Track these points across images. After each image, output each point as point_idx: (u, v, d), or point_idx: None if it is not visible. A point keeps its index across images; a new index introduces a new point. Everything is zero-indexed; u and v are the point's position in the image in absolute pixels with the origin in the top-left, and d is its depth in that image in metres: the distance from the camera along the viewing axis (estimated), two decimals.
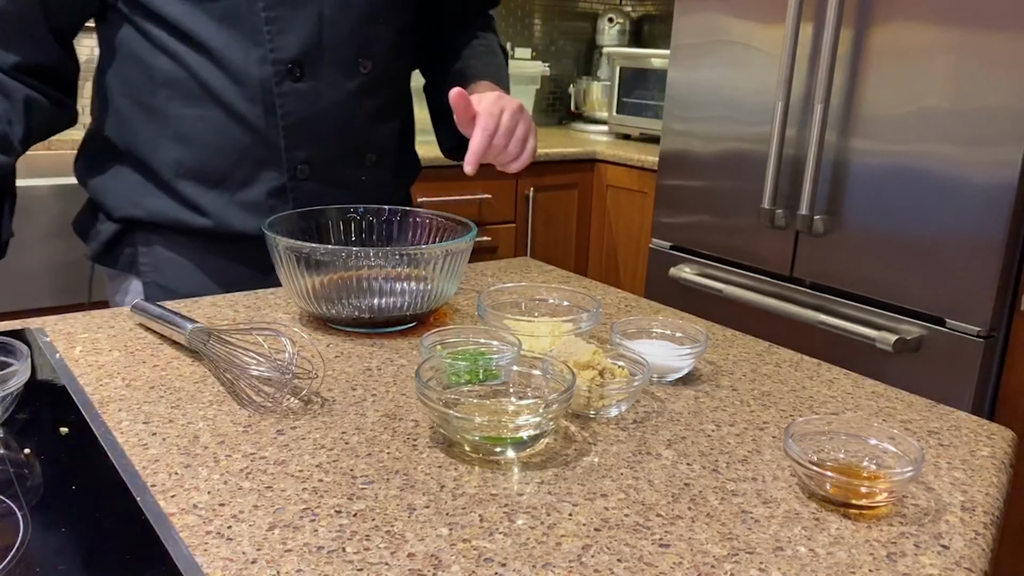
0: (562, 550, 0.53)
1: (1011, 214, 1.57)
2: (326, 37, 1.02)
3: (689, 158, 2.16)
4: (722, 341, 0.94)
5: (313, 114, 1.03)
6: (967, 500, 0.62)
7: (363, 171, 1.11)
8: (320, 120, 1.04)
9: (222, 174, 1.04)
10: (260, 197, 1.05)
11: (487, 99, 1.01)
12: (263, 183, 1.05)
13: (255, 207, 1.05)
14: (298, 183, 1.06)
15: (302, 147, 1.04)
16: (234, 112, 1.02)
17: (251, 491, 0.58)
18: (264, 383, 0.72)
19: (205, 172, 1.04)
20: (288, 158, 1.04)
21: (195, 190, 1.04)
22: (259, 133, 1.02)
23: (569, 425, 0.70)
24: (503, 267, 1.19)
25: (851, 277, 1.84)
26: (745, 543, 0.55)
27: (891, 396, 0.81)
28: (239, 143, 1.03)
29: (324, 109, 1.04)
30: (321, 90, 1.03)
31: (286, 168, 1.04)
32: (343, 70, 1.04)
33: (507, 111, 1.00)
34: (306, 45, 1.01)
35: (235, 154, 1.03)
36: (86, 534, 0.52)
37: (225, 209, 1.05)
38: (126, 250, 1.10)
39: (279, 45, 0.99)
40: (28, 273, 1.97)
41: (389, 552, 0.52)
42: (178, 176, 1.04)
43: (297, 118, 1.03)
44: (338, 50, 1.03)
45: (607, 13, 3.39)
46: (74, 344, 0.83)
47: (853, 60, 1.78)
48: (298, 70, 1.01)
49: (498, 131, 0.99)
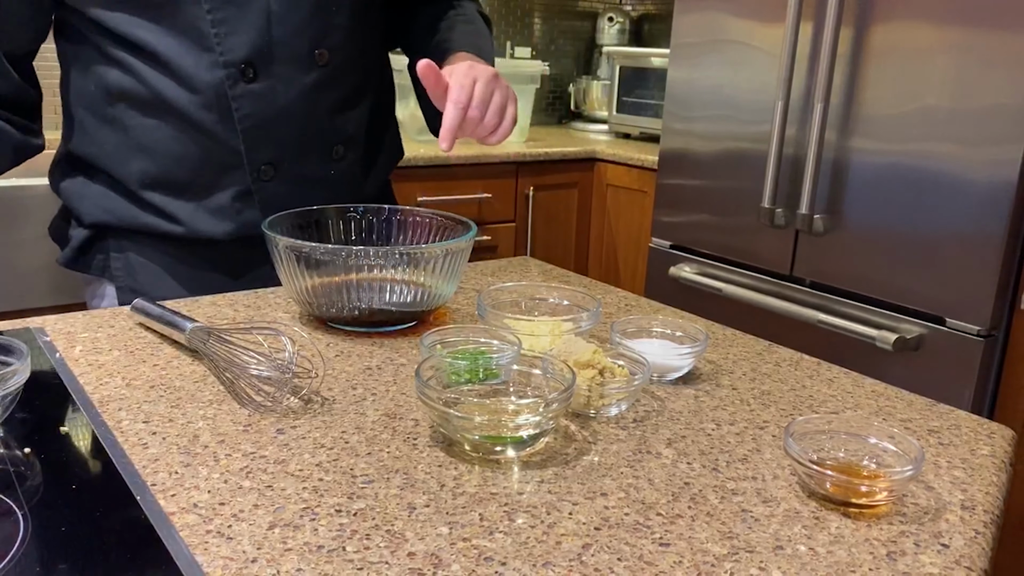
0: (562, 549, 0.53)
1: (1011, 213, 1.57)
2: (276, 33, 0.99)
3: (689, 157, 2.16)
4: (722, 340, 0.94)
5: (272, 114, 1.01)
6: (967, 499, 0.62)
7: (331, 165, 1.08)
8: (279, 119, 1.02)
9: (186, 182, 1.02)
10: (226, 201, 1.03)
11: (459, 70, 0.95)
12: (227, 188, 1.03)
13: (222, 212, 1.03)
14: (263, 184, 1.03)
15: (263, 149, 1.02)
16: (190, 120, 1.00)
17: (251, 490, 0.58)
18: (264, 382, 0.72)
19: (169, 181, 1.02)
20: (250, 161, 1.02)
21: (162, 199, 1.03)
22: (217, 139, 1.00)
23: (569, 424, 0.70)
24: (503, 266, 1.19)
25: (851, 276, 1.84)
26: (745, 542, 0.55)
27: (891, 395, 0.81)
28: (199, 150, 1.01)
29: (282, 107, 1.01)
30: (277, 88, 1.00)
31: (249, 171, 1.02)
32: (298, 65, 1.01)
33: (480, 80, 0.95)
34: (256, 44, 0.98)
35: (196, 162, 1.02)
36: (86, 533, 0.52)
37: (193, 215, 1.03)
38: (98, 255, 1.09)
39: (228, 47, 0.97)
40: (28, 273, 1.97)
41: (389, 551, 0.52)
42: (144, 186, 1.03)
43: (255, 120, 1.00)
44: (290, 45, 1.00)
45: (607, 12, 3.39)
46: (74, 343, 0.83)
47: (853, 59, 1.78)
48: (251, 70, 0.98)
49: (472, 102, 0.93)
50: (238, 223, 1.04)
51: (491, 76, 0.97)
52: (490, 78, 0.96)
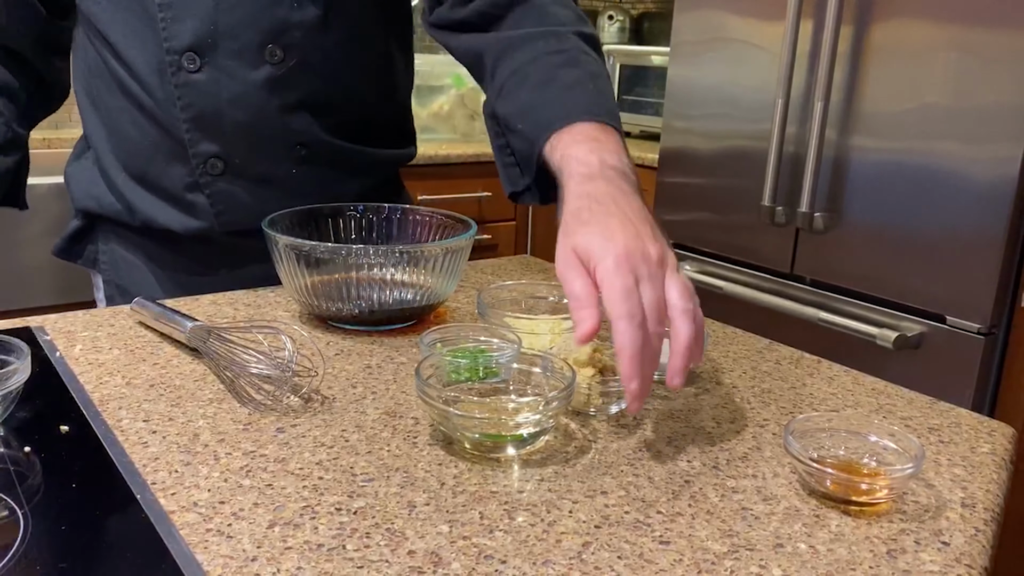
0: (562, 547, 0.53)
1: (1011, 211, 1.57)
2: (222, 23, 0.93)
3: (689, 155, 2.16)
4: (722, 338, 0.94)
5: (214, 107, 0.95)
6: (967, 497, 0.62)
7: (293, 165, 1.01)
8: (224, 113, 0.96)
9: (142, 168, 1.01)
10: (177, 192, 1.01)
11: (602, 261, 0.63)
12: (176, 178, 1.00)
13: (176, 202, 1.01)
14: (211, 178, 0.99)
15: (208, 142, 0.97)
16: (141, 104, 0.98)
17: (251, 489, 0.58)
18: (264, 381, 0.72)
19: (130, 165, 1.02)
20: (195, 153, 0.97)
21: (125, 183, 1.03)
22: (163, 126, 0.98)
23: (569, 423, 0.70)
24: (503, 265, 1.19)
25: (851, 274, 1.84)
26: (745, 540, 0.55)
27: (891, 393, 0.81)
28: (150, 136, 0.99)
29: (227, 101, 0.95)
30: (221, 81, 0.95)
31: (194, 164, 0.99)
32: (246, 59, 0.95)
33: (643, 276, 0.63)
34: (200, 32, 0.93)
35: (150, 148, 1.00)
36: (86, 532, 0.52)
37: (151, 204, 1.02)
38: (88, 246, 1.10)
39: (172, 33, 0.93)
40: (28, 272, 1.97)
41: (389, 549, 0.52)
42: (114, 168, 1.03)
43: (198, 110, 0.95)
44: (238, 38, 0.94)
45: (607, 10, 3.38)
46: (74, 342, 0.83)
47: (853, 57, 1.78)
48: (194, 59, 0.94)
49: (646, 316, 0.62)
50: (194, 216, 1.01)
51: (655, 257, 0.64)
52: (654, 261, 0.64)
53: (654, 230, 0.67)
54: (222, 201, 1.00)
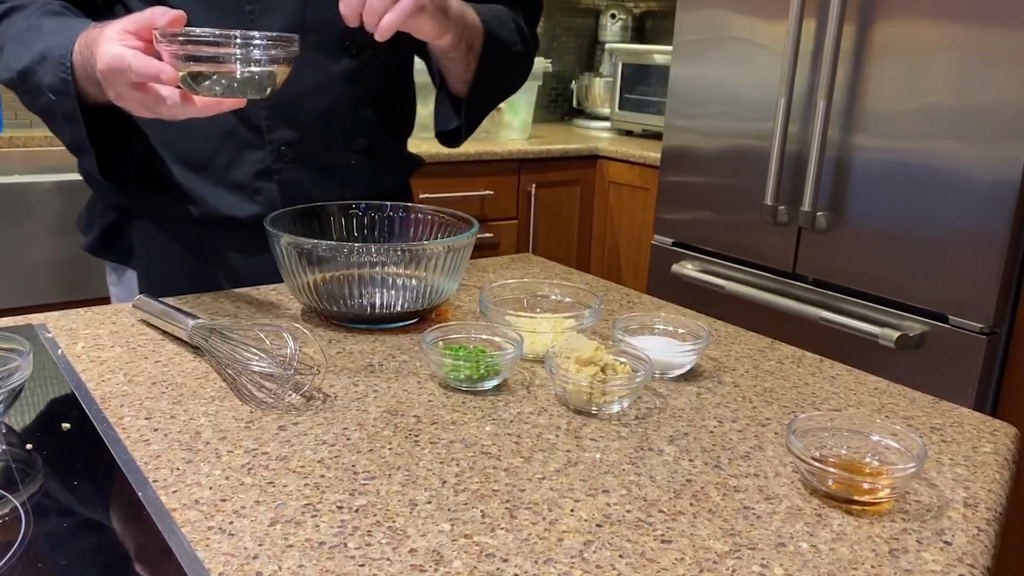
0: (564, 546, 0.53)
1: (1014, 210, 1.57)
2: (309, 19, 1.00)
3: (691, 154, 2.16)
4: (724, 337, 0.94)
5: (294, 95, 1.01)
6: (969, 496, 0.62)
7: (352, 156, 1.09)
8: (303, 102, 1.02)
9: (208, 157, 1.03)
10: (246, 179, 1.04)
11: None
12: (247, 165, 1.04)
13: (241, 190, 1.04)
14: (283, 165, 1.04)
15: (284, 129, 1.03)
16: None
17: (253, 487, 0.58)
18: (266, 379, 0.72)
19: (192, 155, 1.03)
20: (270, 139, 1.03)
21: (182, 174, 1.04)
22: (241, 114, 1.01)
23: (571, 421, 0.70)
24: (505, 263, 1.19)
25: (854, 273, 1.83)
26: (747, 539, 0.55)
27: (893, 392, 0.81)
28: (224, 125, 1.02)
29: (306, 91, 1.02)
30: (303, 72, 1.00)
31: (269, 150, 1.03)
32: (327, 53, 1.02)
33: None
34: (288, 26, 0.98)
35: (220, 136, 1.03)
36: (88, 529, 0.52)
37: (212, 193, 1.04)
38: (121, 241, 1.10)
39: (261, 25, 0.98)
40: (30, 269, 1.97)
41: (391, 547, 0.52)
42: (168, 160, 1.04)
43: (279, 99, 1.00)
44: (322, 32, 1.01)
45: (609, 9, 3.38)
46: (76, 340, 0.83)
47: (856, 56, 1.77)
48: None
49: None
50: (258, 203, 1.05)
51: None
52: None
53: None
54: (289, 187, 1.04)
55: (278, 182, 1.04)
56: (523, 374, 0.79)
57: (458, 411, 0.71)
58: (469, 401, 0.73)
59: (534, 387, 0.77)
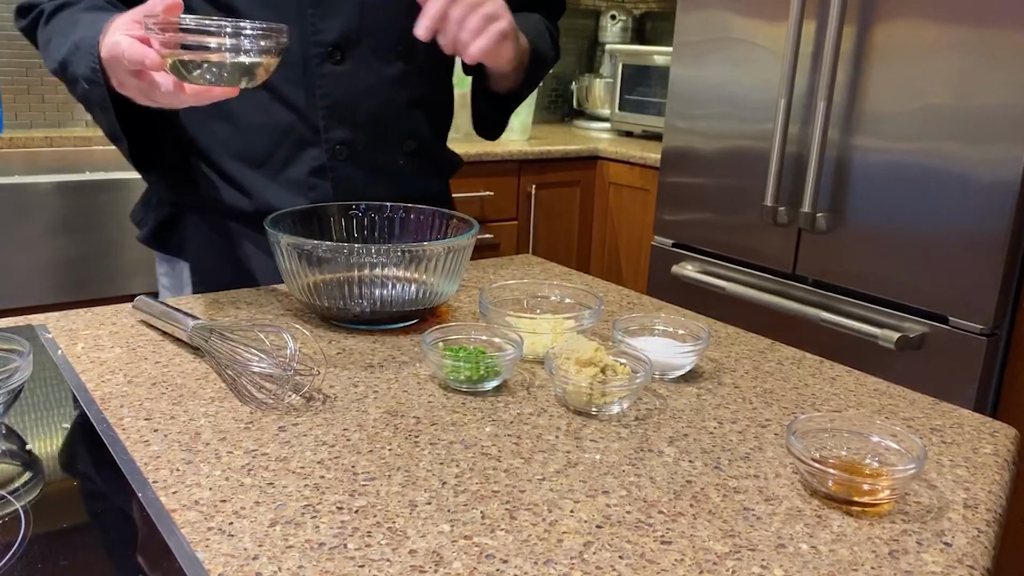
0: (564, 547, 0.53)
1: (1014, 211, 1.57)
2: (366, 24, 1.04)
3: (691, 155, 2.16)
4: (724, 338, 0.94)
5: (351, 97, 1.06)
6: (969, 497, 0.62)
7: (402, 157, 1.13)
8: (357, 103, 1.07)
9: (265, 154, 1.07)
10: (301, 176, 1.07)
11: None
12: (304, 163, 1.07)
13: (297, 186, 1.07)
14: (337, 163, 1.08)
15: (340, 128, 1.07)
16: (278, 93, 1.04)
17: (253, 487, 0.58)
18: (266, 380, 0.72)
19: (249, 152, 1.07)
20: (327, 138, 1.06)
21: (239, 170, 1.07)
22: (300, 113, 1.05)
23: (571, 422, 0.70)
24: (505, 264, 1.19)
25: (854, 274, 1.83)
26: (747, 540, 0.55)
27: (894, 393, 0.81)
28: (282, 123, 1.05)
29: (361, 93, 1.06)
30: (360, 74, 1.06)
31: (325, 148, 1.07)
32: (381, 57, 1.07)
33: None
34: (347, 30, 1.03)
35: (278, 134, 1.06)
36: (87, 530, 0.52)
37: (267, 189, 1.07)
38: (175, 234, 1.13)
39: (321, 28, 1.02)
40: (30, 270, 1.97)
41: (391, 548, 0.52)
42: (224, 157, 1.07)
43: (335, 99, 1.05)
44: (377, 37, 1.06)
45: (610, 10, 3.38)
46: (76, 341, 0.83)
47: (856, 57, 1.77)
48: (338, 53, 1.04)
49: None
50: (310, 200, 1.07)
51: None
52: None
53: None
54: (341, 184, 1.08)
55: (332, 179, 1.08)
56: (523, 375, 0.79)
57: (458, 412, 0.71)
58: (469, 402, 0.73)
59: (534, 388, 0.77)
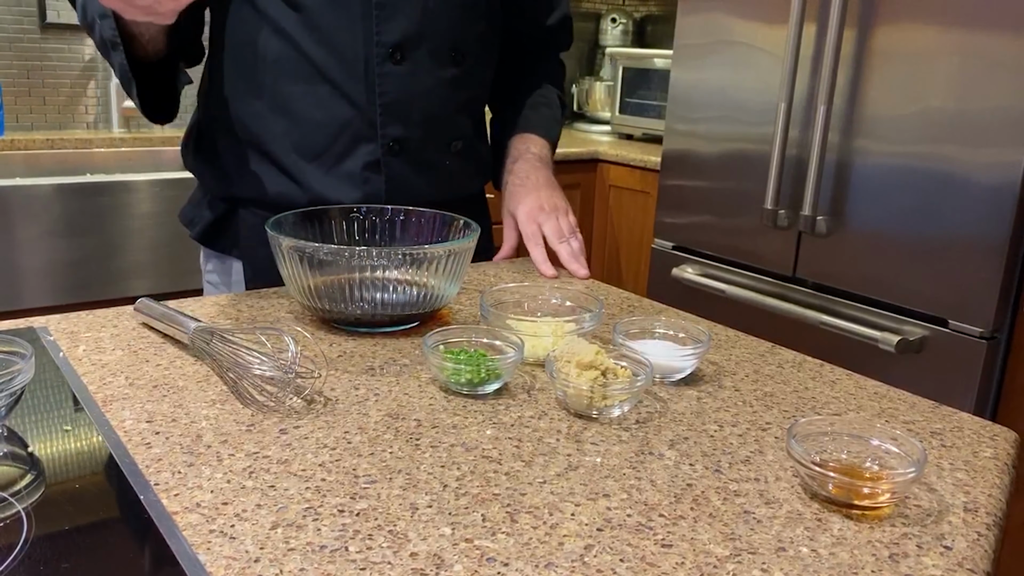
0: (564, 550, 0.53)
1: (1014, 215, 1.57)
2: (426, 28, 1.08)
3: (692, 158, 2.16)
4: (724, 341, 0.94)
5: (407, 96, 1.09)
6: (970, 501, 0.62)
7: (448, 156, 1.17)
8: (413, 102, 1.10)
9: (322, 147, 1.09)
10: (356, 170, 1.10)
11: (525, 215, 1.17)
12: (359, 156, 1.10)
13: (351, 179, 1.10)
14: (391, 159, 1.11)
15: (395, 125, 1.10)
16: (339, 88, 1.08)
17: (254, 490, 0.58)
18: (267, 382, 0.72)
19: (306, 145, 1.09)
20: (383, 134, 1.09)
21: (294, 162, 1.09)
22: (360, 109, 1.08)
23: (572, 425, 0.70)
24: (505, 267, 1.19)
25: (854, 278, 1.84)
26: (747, 543, 0.55)
27: (894, 397, 0.81)
28: (341, 118, 1.08)
29: (418, 93, 1.10)
30: (417, 75, 1.09)
31: (380, 143, 1.10)
32: (438, 59, 1.11)
33: (545, 223, 1.16)
34: (408, 32, 1.07)
35: (336, 128, 1.09)
36: (89, 533, 0.52)
37: (322, 181, 1.09)
38: (228, 231, 1.15)
39: (384, 29, 1.06)
40: (32, 272, 1.98)
41: (392, 551, 0.52)
42: (280, 150, 1.09)
43: (393, 97, 1.08)
44: (435, 41, 1.10)
45: (610, 13, 3.39)
46: (77, 343, 0.83)
47: (856, 61, 1.78)
48: (399, 54, 1.07)
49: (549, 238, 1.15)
50: (364, 192, 1.10)
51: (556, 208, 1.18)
52: (555, 210, 1.17)
53: (560, 191, 1.23)
54: (394, 179, 1.12)
55: (385, 174, 1.11)
56: (524, 378, 0.79)
57: (459, 415, 0.71)
58: (470, 405, 0.73)
59: (535, 391, 0.77)
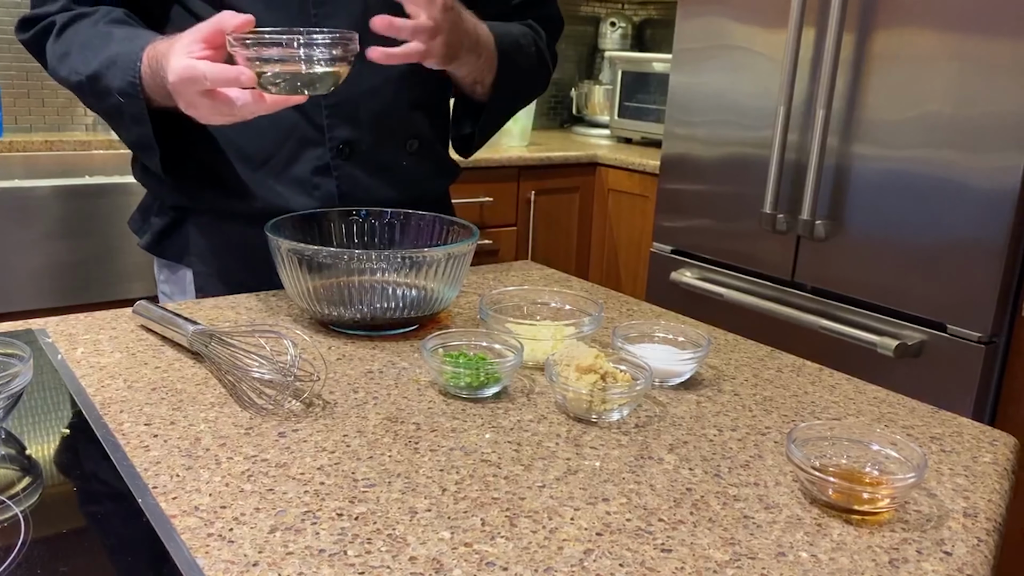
0: (564, 554, 0.53)
1: (1012, 219, 1.57)
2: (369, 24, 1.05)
3: (690, 162, 2.16)
4: (724, 346, 0.94)
5: (354, 95, 1.06)
6: (969, 506, 0.62)
7: (405, 157, 1.14)
8: (361, 102, 1.08)
9: (268, 153, 1.07)
10: (305, 175, 1.08)
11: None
12: (308, 161, 1.08)
13: (301, 184, 1.08)
14: (341, 162, 1.09)
15: (344, 127, 1.08)
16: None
17: (252, 493, 0.58)
18: (266, 385, 0.72)
19: (252, 152, 1.07)
20: (330, 137, 1.08)
21: (242, 170, 1.07)
22: (304, 112, 1.06)
23: (571, 429, 0.70)
24: (505, 270, 1.19)
25: (852, 282, 1.84)
26: (747, 548, 0.55)
27: (893, 402, 0.81)
28: (286, 122, 1.06)
29: (365, 92, 1.07)
30: (363, 74, 1.05)
31: (329, 147, 1.08)
32: None
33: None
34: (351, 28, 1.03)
35: (281, 133, 1.07)
36: (87, 536, 0.52)
37: (271, 188, 1.07)
38: (178, 240, 1.13)
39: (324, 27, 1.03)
40: (30, 274, 1.97)
41: (391, 555, 0.52)
42: (227, 157, 1.07)
43: (339, 98, 1.05)
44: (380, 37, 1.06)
45: (609, 17, 3.39)
46: (76, 345, 0.83)
47: (855, 65, 1.78)
48: None
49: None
50: (315, 198, 1.08)
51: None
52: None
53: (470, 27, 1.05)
54: (345, 183, 1.09)
55: (336, 178, 1.09)
56: (523, 381, 0.79)
57: (458, 418, 0.71)
58: (469, 408, 0.73)
59: (534, 395, 0.77)
